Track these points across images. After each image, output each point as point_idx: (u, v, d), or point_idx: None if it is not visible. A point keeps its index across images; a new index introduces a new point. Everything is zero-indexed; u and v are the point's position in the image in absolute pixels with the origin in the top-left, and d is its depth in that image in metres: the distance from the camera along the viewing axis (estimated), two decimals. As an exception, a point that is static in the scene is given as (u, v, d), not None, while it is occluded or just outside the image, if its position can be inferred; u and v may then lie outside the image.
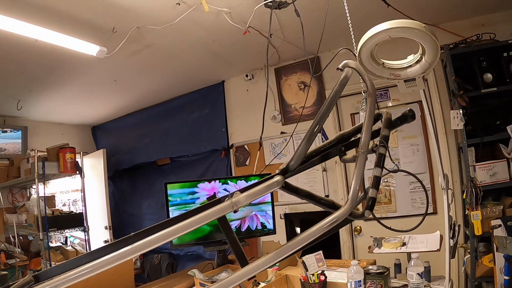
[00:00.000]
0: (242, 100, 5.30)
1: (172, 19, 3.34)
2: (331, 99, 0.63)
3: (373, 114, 0.66)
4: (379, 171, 0.60)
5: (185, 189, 2.98)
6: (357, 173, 0.61)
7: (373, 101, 0.67)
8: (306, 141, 0.64)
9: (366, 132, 0.62)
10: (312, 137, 0.64)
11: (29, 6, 2.98)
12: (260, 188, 0.63)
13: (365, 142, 0.62)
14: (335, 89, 0.62)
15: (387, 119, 0.70)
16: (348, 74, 0.65)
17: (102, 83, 5.06)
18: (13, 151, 5.85)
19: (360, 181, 0.60)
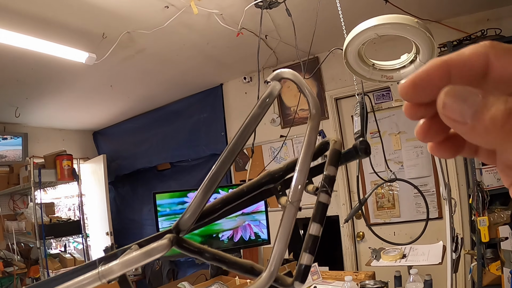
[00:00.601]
0: (241, 103, 5.18)
1: (161, 22, 3.26)
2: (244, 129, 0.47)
3: (312, 147, 0.47)
4: (317, 228, 0.43)
5: (175, 199, 2.86)
6: (281, 231, 0.44)
7: (315, 126, 0.47)
8: (203, 192, 0.48)
9: (300, 173, 0.44)
10: (212, 186, 0.48)
11: (17, 15, 2.96)
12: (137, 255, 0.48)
13: (295, 190, 0.44)
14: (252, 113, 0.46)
15: (334, 153, 0.50)
16: (274, 90, 0.46)
17: (98, 89, 5.00)
18: (14, 158, 5.82)
19: (285, 242, 0.44)
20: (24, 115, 5.60)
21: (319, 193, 0.45)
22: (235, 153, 0.46)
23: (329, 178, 0.47)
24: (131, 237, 6.58)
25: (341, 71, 4.20)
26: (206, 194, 0.50)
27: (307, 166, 0.46)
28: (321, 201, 0.45)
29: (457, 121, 0.27)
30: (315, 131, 0.46)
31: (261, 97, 0.46)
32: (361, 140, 0.48)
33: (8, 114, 5.47)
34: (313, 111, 0.45)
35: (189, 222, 0.52)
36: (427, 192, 3.80)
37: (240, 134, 0.46)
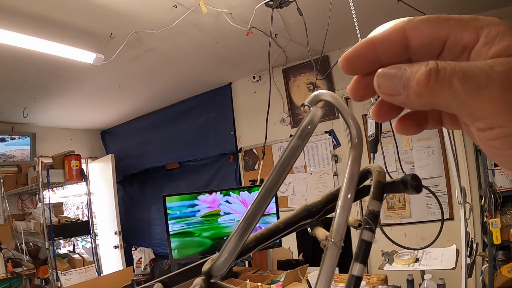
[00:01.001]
0: (250, 103, 5.14)
1: (169, 22, 3.23)
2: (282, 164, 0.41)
3: (355, 179, 0.41)
4: (360, 269, 0.38)
5: (185, 201, 2.83)
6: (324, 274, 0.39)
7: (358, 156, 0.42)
8: (238, 235, 0.42)
9: (343, 210, 0.38)
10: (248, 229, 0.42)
11: (24, 17, 2.95)
12: None
13: (338, 229, 0.38)
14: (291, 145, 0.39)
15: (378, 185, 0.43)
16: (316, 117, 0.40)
17: (106, 89, 4.99)
18: (22, 158, 5.84)
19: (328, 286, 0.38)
20: (32, 115, 5.61)
21: (363, 230, 0.40)
22: (273, 193, 0.40)
23: (373, 214, 0.41)
24: (139, 236, 6.59)
25: (351, 70, 4.15)
26: (241, 238, 0.44)
27: (350, 201, 0.40)
28: (364, 239, 0.40)
29: (393, 95, 0.31)
30: (357, 161, 0.40)
31: (301, 125, 0.40)
32: (413, 176, 0.43)
33: (16, 114, 5.49)
34: (355, 140, 0.40)
35: (223, 268, 0.47)
36: (438, 193, 3.75)
37: (278, 170, 0.40)
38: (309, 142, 4.38)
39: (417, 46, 0.31)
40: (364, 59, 0.33)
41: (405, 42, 0.31)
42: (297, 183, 4.54)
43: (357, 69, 0.35)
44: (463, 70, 0.28)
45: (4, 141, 5.70)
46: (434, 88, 0.28)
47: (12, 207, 5.76)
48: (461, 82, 0.27)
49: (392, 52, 0.32)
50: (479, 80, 0.27)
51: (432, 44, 0.31)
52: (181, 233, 2.77)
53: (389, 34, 0.32)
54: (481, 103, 0.27)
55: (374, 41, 0.32)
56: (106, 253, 6.44)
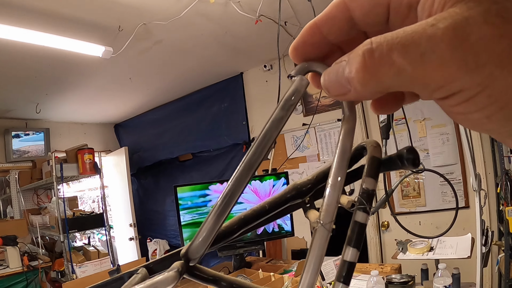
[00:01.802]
0: (262, 92, 5.10)
1: (177, 13, 3.22)
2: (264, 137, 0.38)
3: (347, 155, 0.37)
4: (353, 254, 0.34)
5: (196, 191, 2.82)
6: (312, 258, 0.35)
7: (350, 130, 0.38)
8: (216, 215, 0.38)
9: (333, 189, 0.34)
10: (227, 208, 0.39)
11: (32, 12, 2.97)
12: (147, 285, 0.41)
13: (328, 210, 0.34)
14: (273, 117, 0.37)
15: (373, 161, 0.39)
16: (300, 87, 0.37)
17: (117, 82, 5.00)
18: (37, 153, 5.91)
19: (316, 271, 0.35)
20: (45, 111, 5.68)
21: (356, 210, 0.36)
22: (253, 168, 0.37)
23: (367, 193, 0.36)
24: (154, 228, 6.64)
25: (363, 56, 4.10)
26: (219, 218, 0.40)
27: (341, 179, 0.36)
28: (357, 221, 0.35)
29: (344, 94, 0.28)
30: (350, 136, 0.36)
31: (284, 96, 0.37)
32: (409, 148, 0.39)
33: (29, 110, 5.56)
34: (347, 112, 0.36)
35: (200, 250, 0.43)
36: (453, 181, 3.69)
37: (258, 143, 0.37)
38: (322, 131, 4.36)
39: (361, 17, 0.29)
40: (312, 44, 0.31)
41: (348, 16, 0.29)
42: (310, 172, 4.49)
43: (308, 56, 0.33)
44: (401, 41, 0.24)
45: (18, 137, 5.77)
46: (374, 71, 0.25)
47: (27, 201, 5.84)
48: (402, 54, 0.24)
49: (338, 30, 0.30)
50: (421, 46, 0.24)
51: (375, 11, 0.28)
52: (193, 223, 2.75)
53: (330, 11, 0.30)
54: (430, 71, 0.24)
55: (318, 22, 0.30)
56: (122, 245, 6.50)
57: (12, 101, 5.19)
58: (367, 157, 0.40)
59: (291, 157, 4.39)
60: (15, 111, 5.60)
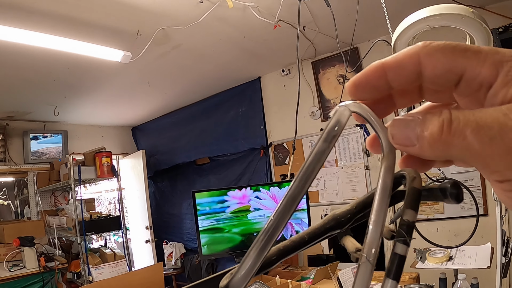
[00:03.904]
0: (280, 97, 5.09)
1: (196, 18, 3.23)
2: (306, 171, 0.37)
3: (388, 192, 0.36)
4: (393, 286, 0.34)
5: (215, 197, 2.81)
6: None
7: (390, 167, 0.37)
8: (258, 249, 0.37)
9: (376, 224, 0.34)
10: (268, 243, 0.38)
11: (51, 18, 2.99)
12: None
13: (372, 244, 0.34)
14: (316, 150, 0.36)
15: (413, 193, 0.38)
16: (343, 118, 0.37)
17: (135, 86, 5.04)
18: (55, 155, 5.97)
19: None
20: (63, 114, 5.73)
21: (396, 242, 0.35)
22: (296, 202, 0.36)
23: (407, 225, 0.36)
24: (170, 231, 6.67)
25: (381, 61, 4.07)
26: (262, 252, 0.39)
27: (383, 215, 0.35)
28: (397, 253, 0.35)
29: (407, 145, 0.30)
30: (390, 172, 0.36)
31: (326, 127, 0.36)
32: (453, 183, 0.38)
33: (47, 113, 5.62)
34: (386, 149, 0.36)
35: (242, 284, 0.42)
36: (472, 188, 3.64)
37: (301, 177, 0.36)
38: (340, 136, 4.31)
39: (431, 76, 0.30)
40: (373, 85, 0.32)
41: (418, 70, 0.29)
42: (328, 177, 4.48)
43: (365, 95, 0.33)
44: (476, 120, 0.26)
45: (36, 139, 5.83)
46: (447, 139, 0.27)
47: (45, 203, 5.89)
48: (475, 133, 0.26)
49: (403, 80, 0.31)
50: (492, 131, 0.26)
51: (446, 77, 0.29)
52: (210, 229, 2.75)
53: (402, 59, 0.30)
54: (495, 155, 0.26)
55: (385, 66, 0.31)
56: (138, 248, 6.52)
57: (31, 103, 5.24)
58: (408, 187, 0.39)
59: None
60: (33, 113, 5.66)
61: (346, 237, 0.46)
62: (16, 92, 4.70)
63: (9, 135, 5.76)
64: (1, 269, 4.57)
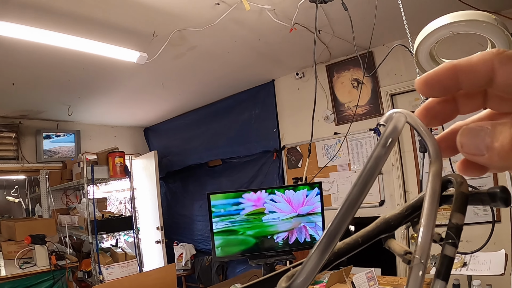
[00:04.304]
0: (294, 100, 5.09)
1: (212, 19, 3.23)
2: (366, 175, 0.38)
3: (437, 196, 0.38)
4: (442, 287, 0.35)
5: (230, 199, 2.81)
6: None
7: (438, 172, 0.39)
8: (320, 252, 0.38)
9: (427, 227, 0.36)
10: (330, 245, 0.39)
11: (68, 18, 3.01)
12: None
13: (424, 247, 0.36)
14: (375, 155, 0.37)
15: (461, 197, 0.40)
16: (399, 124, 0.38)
17: (149, 87, 5.06)
18: (67, 154, 6.01)
19: None
20: (77, 113, 5.78)
21: (445, 245, 0.37)
22: (357, 205, 0.37)
23: (456, 228, 0.38)
24: (181, 232, 6.69)
25: (397, 66, 4.06)
26: (323, 255, 0.40)
27: (433, 218, 0.37)
28: (447, 255, 0.37)
29: (476, 155, 0.31)
30: (438, 177, 0.38)
31: (384, 133, 0.37)
32: (503, 188, 0.40)
33: (61, 112, 5.67)
34: (434, 155, 0.38)
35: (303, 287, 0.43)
36: (485, 193, 3.60)
37: (362, 181, 0.37)
38: (354, 140, 4.32)
39: (502, 84, 0.30)
40: (443, 84, 0.33)
41: (490, 76, 0.30)
42: (341, 181, 4.47)
43: (434, 92, 0.34)
44: None
45: (49, 138, 5.88)
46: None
47: (56, 201, 5.94)
48: None
49: (474, 83, 0.31)
50: None
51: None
52: (225, 231, 2.75)
53: (475, 64, 0.31)
54: None
55: (458, 68, 0.32)
56: (148, 248, 6.54)
57: (45, 102, 5.28)
58: (455, 192, 0.40)
59: (322, 166, 4.37)
60: (47, 112, 5.70)
61: (391, 240, 0.47)
62: (30, 91, 4.74)
63: (22, 134, 5.81)
64: (12, 266, 4.60)
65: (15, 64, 3.83)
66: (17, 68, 3.94)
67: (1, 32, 2.92)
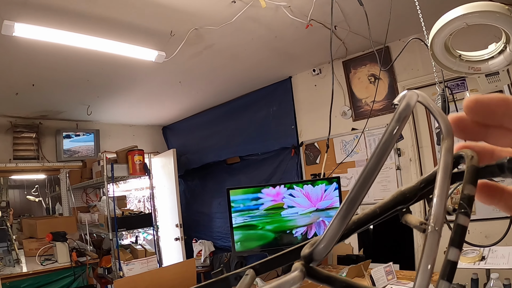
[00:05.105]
0: (311, 96, 5.09)
1: (229, 18, 3.25)
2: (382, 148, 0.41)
3: (449, 169, 0.41)
4: (456, 254, 0.38)
5: (249, 194, 2.84)
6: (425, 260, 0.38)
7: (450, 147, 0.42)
8: (340, 218, 0.41)
9: (441, 197, 0.39)
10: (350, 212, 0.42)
11: (86, 18, 3.06)
12: None
13: (438, 215, 0.39)
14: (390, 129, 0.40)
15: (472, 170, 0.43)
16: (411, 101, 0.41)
17: (167, 86, 5.10)
18: (86, 153, 6.10)
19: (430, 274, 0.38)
20: (96, 113, 5.86)
21: (458, 214, 0.40)
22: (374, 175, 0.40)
23: (468, 198, 0.42)
24: (200, 229, 6.71)
25: (413, 60, 4.04)
26: (344, 221, 0.43)
27: (446, 190, 0.41)
28: (460, 224, 0.40)
29: None
30: (450, 152, 0.41)
31: (398, 109, 0.40)
32: (510, 158, 0.43)
33: (80, 112, 5.76)
34: (445, 132, 0.41)
35: (324, 252, 0.46)
36: (507, 188, 3.58)
37: (377, 153, 0.40)
38: (371, 135, 4.31)
39: None
40: (490, 108, 0.33)
41: None
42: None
43: (477, 112, 0.34)
44: None
45: (69, 138, 5.97)
46: None
47: (76, 200, 6.03)
48: None
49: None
50: None
51: None
52: (244, 226, 2.78)
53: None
54: None
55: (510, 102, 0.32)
56: (167, 245, 6.58)
57: (64, 103, 5.36)
58: (467, 165, 0.44)
59: (339, 162, 4.38)
60: (66, 112, 5.78)
61: (407, 214, 0.51)
62: (50, 92, 4.81)
63: (42, 134, 5.91)
64: (33, 263, 4.70)
65: (35, 65, 3.90)
66: (37, 69, 4.01)
67: (21, 34, 2.97)
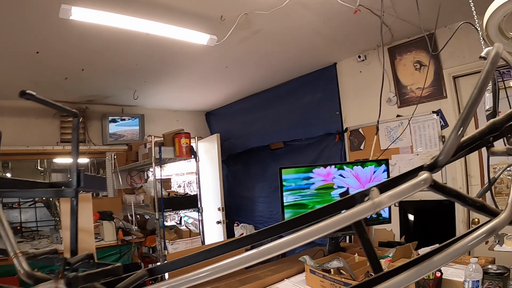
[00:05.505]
0: (356, 82, 5.10)
1: (279, 2, 3.28)
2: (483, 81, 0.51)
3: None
4: None
5: (300, 174, 2.89)
6: None
7: None
8: (457, 132, 0.52)
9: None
10: (464, 127, 0.53)
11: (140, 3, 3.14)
12: (405, 187, 0.52)
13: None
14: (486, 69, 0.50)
15: None
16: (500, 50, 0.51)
17: (213, 71, 5.18)
18: (131, 137, 6.28)
19: None
20: (141, 98, 6.04)
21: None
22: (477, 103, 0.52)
23: None
24: (242, 213, 6.85)
25: (459, 47, 4.00)
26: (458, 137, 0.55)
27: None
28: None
29: None
30: None
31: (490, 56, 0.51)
32: None
33: (127, 97, 5.94)
34: None
35: (445, 160, 0.57)
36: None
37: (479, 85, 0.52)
38: (416, 122, 4.29)
39: None
40: None
41: None
42: (403, 163, 4.45)
43: None
44: None
45: (114, 122, 6.17)
46: None
47: (122, 182, 6.21)
48: None
49: None
50: None
51: None
52: (295, 204, 2.83)
53: None
54: None
55: None
56: (209, 228, 6.71)
57: (111, 88, 5.54)
58: None
59: (384, 148, 4.39)
60: (113, 97, 5.97)
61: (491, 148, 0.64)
62: (99, 77, 4.98)
63: (88, 118, 6.14)
64: (80, 241, 4.89)
65: (86, 50, 4.01)
66: (88, 54, 4.13)
67: (77, 17, 3.07)
